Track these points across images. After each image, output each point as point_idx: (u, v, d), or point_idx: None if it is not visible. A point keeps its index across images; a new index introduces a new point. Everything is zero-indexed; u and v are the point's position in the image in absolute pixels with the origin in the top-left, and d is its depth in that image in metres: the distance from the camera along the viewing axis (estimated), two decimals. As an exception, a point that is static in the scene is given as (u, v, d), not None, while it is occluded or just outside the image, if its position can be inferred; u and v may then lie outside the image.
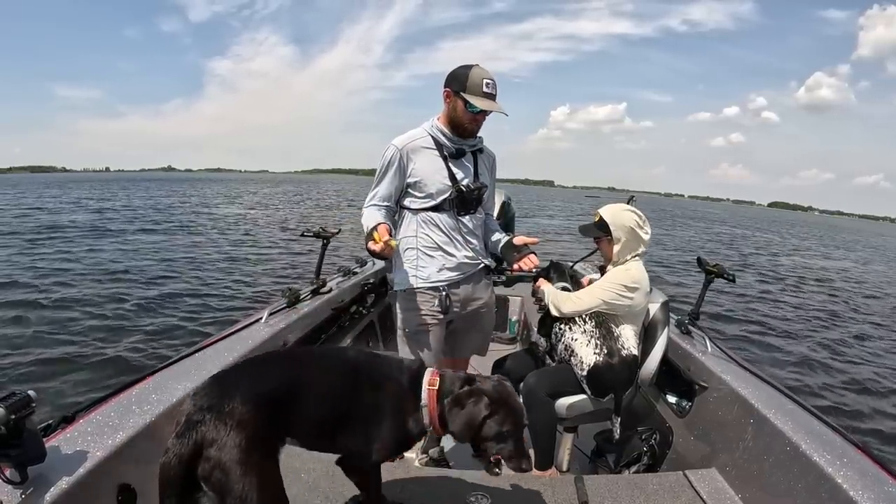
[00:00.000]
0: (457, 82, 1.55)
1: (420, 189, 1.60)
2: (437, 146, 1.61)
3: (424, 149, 1.60)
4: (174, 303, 5.98)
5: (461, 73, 1.55)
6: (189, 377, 1.42)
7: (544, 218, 25.33)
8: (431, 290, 1.65)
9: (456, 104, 1.56)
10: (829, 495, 1.12)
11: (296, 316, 2.08)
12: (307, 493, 1.36)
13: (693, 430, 1.73)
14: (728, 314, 7.04)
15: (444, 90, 1.59)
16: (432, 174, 1.60)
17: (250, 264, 8.74)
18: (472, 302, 1.74)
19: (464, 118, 1.57)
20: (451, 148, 1.62)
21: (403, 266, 1.65)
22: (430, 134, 1.61)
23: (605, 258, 1.84)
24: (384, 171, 1.60)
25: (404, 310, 1.68)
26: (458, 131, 1.61)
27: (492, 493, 1.40)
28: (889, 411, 4.24)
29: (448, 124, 1.61)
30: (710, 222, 35.45)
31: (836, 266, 15.54)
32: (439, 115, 1.64)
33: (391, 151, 1.58)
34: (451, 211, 1.63)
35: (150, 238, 11.43)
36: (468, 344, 1.87)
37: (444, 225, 1.63)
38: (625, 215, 1.75)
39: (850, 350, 6.00)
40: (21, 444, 0.90)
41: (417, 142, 1.60)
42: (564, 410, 1.72)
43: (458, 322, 1.76)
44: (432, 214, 1.62)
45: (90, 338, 4.65)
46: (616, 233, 1.74)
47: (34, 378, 3.74)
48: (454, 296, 1.68)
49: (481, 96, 1.54)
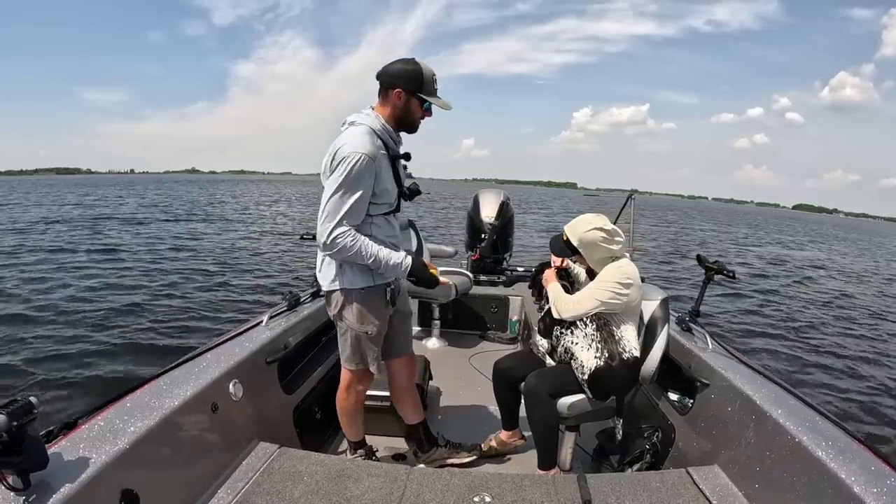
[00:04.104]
0: (411, 82, 1.53)
1: (380, 196, 1.56)
2: (385, 147, 1.57)
3: (382, 153, 1.54)
4: (175, 307, 5.98)
5: (412, 71, 1.54)
6: (190, 381, 1.43)
7: (543, 216, 25.37)
8: (385, 287, 1.64)
9: (410, 104, 1.56)
10: (832, 491, 1.12)
11: (296, 318, 2.08)
12: (310, 496, 1.36)
13: (695, 428, 1.73)
14: (729, 311, 7.04)
15: (395, 90, 1.54)
16: (389, 178, 1.58)
17: (252, 267, 8.75)
18: (402, 294, 1.77)
19: (418, 117, 1.59)
20: (397, 149, 1.62)
21: (355, 265, 1.58)
22: (380, 136, 1.55)
23: (584, 265, 1.87)
24: (356, 184, 1.46)
25: (367, 310, 1.62)
26: (405, 129, 1.62)
27: (494, 493, 1.40)
28: (892, 406, 4.23)
29: (393, 122, 1.58)
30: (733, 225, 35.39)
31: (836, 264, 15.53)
32: (375, 111, 1.58)
33: (364, 162, 1.45)
34: (393, 211, 1.64)
35: (148, 242, 11.43)
36: (408, 336, 1.88)
37: (391, 224, 1.65)
38: (589, 235, 1.75)
39: (853, 346, 6.01)
40: (23, 451, 0.90)
41: (378, 146, 1.53)
42: (566, 410, 1.72)
43: (394, 317, 1.75)
44: (383, 216, 1.61)
45: (91, 343, 4.65)
46: (584, 252, 1.78)
47: (36, 384, 3.74)
48: (396, 290, 1.70)
49: (436, 94, 1.56)
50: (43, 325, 5.16)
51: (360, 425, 1.86)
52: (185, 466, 1.33)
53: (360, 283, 1.60)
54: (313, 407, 2.11)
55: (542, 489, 1.43)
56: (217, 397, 1.48)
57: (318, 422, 2.13)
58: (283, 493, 1.37)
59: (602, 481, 1.47)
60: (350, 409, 1.80)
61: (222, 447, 1.48)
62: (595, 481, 1.45)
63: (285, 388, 1.92)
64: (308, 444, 1.91)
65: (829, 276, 12.42)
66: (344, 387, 1.77)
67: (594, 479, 1.46)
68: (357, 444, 1.87)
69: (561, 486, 1.44)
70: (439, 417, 2.36)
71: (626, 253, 1.83)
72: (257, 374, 1.72)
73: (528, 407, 1.75)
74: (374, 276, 1.61)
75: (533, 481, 1.48)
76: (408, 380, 1.88)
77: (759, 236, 25.95)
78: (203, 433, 1.42)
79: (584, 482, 1.44)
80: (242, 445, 1.55)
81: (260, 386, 1.73)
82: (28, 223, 14.71)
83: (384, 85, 1.57)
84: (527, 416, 1.76)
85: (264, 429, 1.67)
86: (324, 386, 2.18)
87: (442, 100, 1.59)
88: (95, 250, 9.97)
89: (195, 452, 1.37)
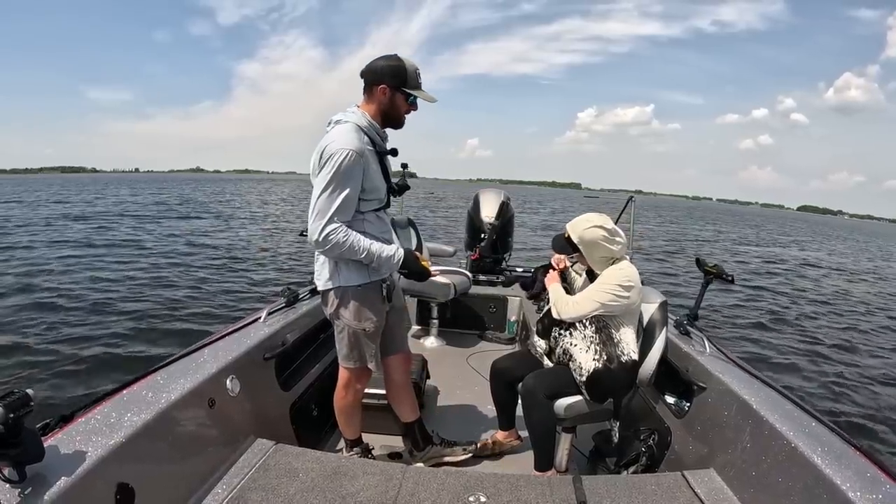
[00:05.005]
0: (395, 77, 1.54)
1: (369, 192, 1.56)
2: (372, 144, 1.58)
3: (369, 149, 1.55)
4: (173, 302, 5.98)
5: (395, 66, 1.55)
6: (187, 376, 1.43)
7: (541, 218, 25.37)
8: (380, 283, 1.65)
9: (395, 99, 1.57)
10: (827, 496, 1.12)
11: (294, 315, 2.08)
12: (305, 493, 1.36)
13: (691, 431, 1.73)
14: (727, 314, 7.05)
15: (380, 86, 1.55)
16: (377, 174, 1.58)
17: (250, 264, 8.75)
18: (396, 291, 1.77)
19: (403, 112, 1.60)
20: (384, 145, 1.63)
21: (350, 261, 1.58)
22: (367, 132, 1.56)
23: (585, 265, 1.87)
24: (345, 180, 1.47)
25: (364, 307, 1.62)
26: (391, 125, 1.63)
27: (489, 493, 1.40)
28: (889, 412, 4.24)
29: (379, 118, 1.59)
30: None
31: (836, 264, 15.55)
32: (361, 109, 1.58)
33: (352, 158, 1.46)
34: (383, 207, 1.65)
35: (148, 238, 11.42)
36: (403, 333, 1.88)
37: (382, 220, 1.65)
38: (589, 232, 1.76)
39: (850, 351, 6.01)
40: (19, 443, 0.90)
41: (365, 142, 1.54)
42: (563, 411, 1.73)
43: (390, 314, 1.75)
44: (374, 212, 1.61)
45: (88, 337, 4.65)
46: (584, 250, 1.78)
47: (32, 377, 3.74)
48: (391, 285, 1.70)
49: (420, 88, 1.57)
50: (40, 318, 5.16)
51: (357, 424, 1.86)
52: (180, 461, 1.33)
53: (355, 280, 1.60)
54: (310, 404, 2.11)
55: (537, 490, 1.43)
56: (214, 393, 1.48)
57: (314, 419, 2.13)
58: (279, 490, 1.37)
59: (598, 483, 1.47)
60: (348, 408, 1.80)
61: (219, 443, 1.48)
62: (591, 483, 1.45)
63: (282, 384, 1.92)
64: (304, 442, 1.91)
65: (829, 276, 12.43)
66: (342, 385, 1.77)
67: (590, 481, 1.47)
68: (353, 441, 1.87)
69: (556, 487, 1.44)
70: (436, 416, 2.36)
71: (627, 255, 1.83)
72: (255, 371, 1.72)
73: (525, 408, 1.75)
74: (369, 273, 1.61)
75: (529, 482, 1.48)
76: (404, 377, 1.88)
77: (760, 237, 25.99)
78: (199, 428, 1.42)
79: (579, 483, 1.44)
80: (239, 441, 1.55)
81: (257, 382, 1.73)
82: (25, 220, 14.71)
83: (368, 82, 1.58)
84: (524, 416, 1.76)
85: (261, 425, 1.67)
86: (321, 383, 2.18)
87: (426, 93, 1.60)
88: (92, 245, 9.97)
89: (191, 447, 1.37)
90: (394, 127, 1.65)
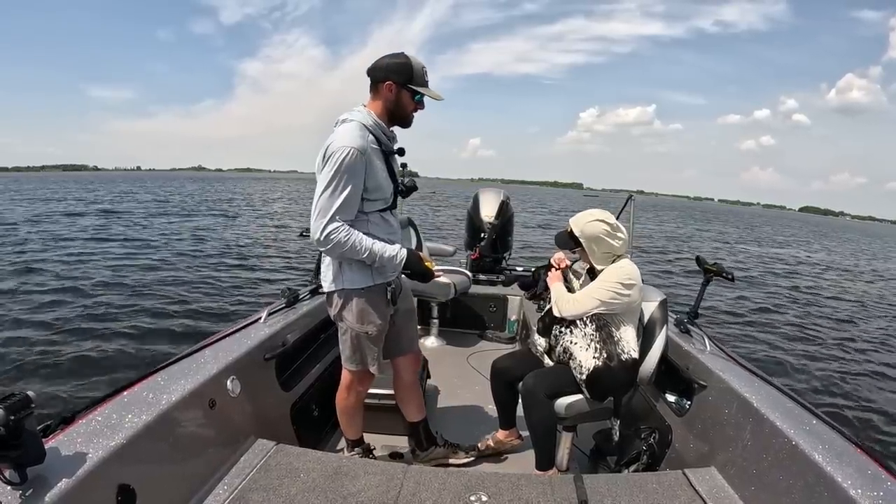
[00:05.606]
0: (401, 74, 1.53)
1: (373, 192, 1.54)
2: (377, 143, 1.56)
3: (373, 148, 1.53)
4: (173, 303, 5.98)
5: (402, 63, 1.53)
6: (188, 377, 1.43)
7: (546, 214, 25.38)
8: (385, 286, 1.63)
9: (401, 97, 1.55)
10: (828, 494, 1.12)
11: (295, 315, 2.08)
12: (306, 493, 1.36)
13: (692, 429, 1.73)
14: (727, 313, 7.05)
15: (386, 83, 1.53)
16: (382, 174, 1.56)
17: (250, 264, 8.74)
18: (404, 292, 1.76)
19: (410, 110, 1.58)
20: (391, 145, 1.61)
21: (354, 263, 1.57)
22: (372, 131, 1.54)
23: (586, 262, 1.87)
24: (347, 178, 1.45)
25: (367, 310, 1.61)
26: (398, 123, 1.61)
27: (490, 492, 1.40)
28: (889, 410, 4.24)
29: (385, 117, 1.58)
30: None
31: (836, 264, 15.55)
32: (367, 108, 1.57)
33: (353, 156, 1.44)
34: (389, 208, 1.63)
35: (148, 237, 11.42)
36: (412, 334, 1.87)
37: (388, 221, 1.63)
38: (592, 227, 1.76)
39: (851, 349, 6.01)
40: (20, 445, 0.90)
41: (369, 141, 1.52)
42: (563, 410, 1.72)
43: (397, 316, 1.74)
44: (379, 213, 1.59)
45: (89, 338, 4.65)
46: (586, 244, 1.78)
47: (33, 379, 3.74)
48: (396, 289, 1.69)
49: (427, 86, 1.55)
50: (41, 319, 5.15)
51: (358, 424, 1.86)
52: (181, 462, 1.33)
53: (360, 282, 1.59)
54: (311, 404, 2.11)
55: (538, 489, 1.43)
56: (215, 393, 1.48)
57: (315, 419, 2.13)
58: (280, 490, 1.37)
59: (599, 482, 1.47)
60: (349, 409, 1.80)
61: (219, 443, 1.48)
62: (592, 482, 1.45)
63: (283, 385, 1.92)
64: (305, 442, 1.91)
65: (829, 275, 12.43)
66: (344, 387, 1.77)
67: (591, 480, 1.47)
68: (355, 442, 1.87)
69: (557, 487, 1.44)
70: (437, 416, 2.36)
71: (628, 253, 1.83)
72: (255, 371, 1.72)
73: (525, 407, 1.75)
74: (373, 276, 1.60)
75: (530, 481, 1.48)
76: (412, 377, 1.88)
77: (761, 237, 25.99)
78: (200, 429, 1.42)
79: (580, 482, 1.44)
80: (240, 442, 1.55)
81: (258, 383, 1.73)
82: (23, 219, 14.70)
83: (374, 80, 1.56)
84: (524, 416, 1.76)
85: (262, 425, 1.67)
86: (322, 383, 2.18)
87: (433, 91, 1.58)
88: (91, 242, 9.96)
89: (192, 448, 1.37)
90: (401, 126, 1.63)
